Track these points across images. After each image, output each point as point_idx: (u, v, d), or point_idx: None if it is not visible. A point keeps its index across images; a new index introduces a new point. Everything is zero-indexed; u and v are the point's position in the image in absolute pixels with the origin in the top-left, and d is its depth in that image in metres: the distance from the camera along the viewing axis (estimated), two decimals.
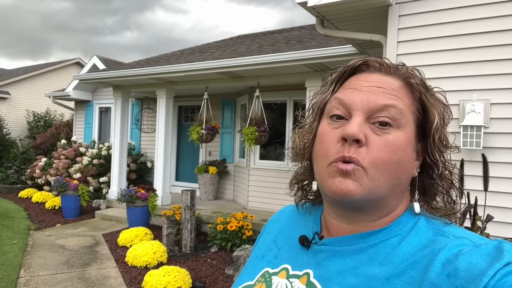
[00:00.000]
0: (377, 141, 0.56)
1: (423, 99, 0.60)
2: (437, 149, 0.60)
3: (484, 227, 2.22)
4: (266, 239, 0.76)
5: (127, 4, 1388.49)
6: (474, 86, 2.61)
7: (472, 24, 2.61)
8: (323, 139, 0.60)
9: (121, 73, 6.84)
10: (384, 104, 0.57)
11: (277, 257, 0.68)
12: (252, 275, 0.68)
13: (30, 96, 16.39)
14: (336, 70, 0.65)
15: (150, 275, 3.81)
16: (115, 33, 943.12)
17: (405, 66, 0.63)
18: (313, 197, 0.73)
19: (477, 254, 0.48)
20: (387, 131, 0.56)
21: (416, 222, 0.58)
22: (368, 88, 0.59)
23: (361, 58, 0.63)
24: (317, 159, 0.61)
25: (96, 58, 10.10)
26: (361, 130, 0.55)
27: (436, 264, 0.50)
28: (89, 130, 10.56)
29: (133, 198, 6.14)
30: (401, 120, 0.57)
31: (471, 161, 2.53)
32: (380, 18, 3.08)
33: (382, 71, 0.62)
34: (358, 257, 0.58)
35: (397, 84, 0.60)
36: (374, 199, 0.57)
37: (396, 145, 0.56)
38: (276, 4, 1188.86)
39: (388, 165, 0.55)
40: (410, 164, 0.59)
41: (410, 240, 0.56)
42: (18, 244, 5.15)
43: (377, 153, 0.55)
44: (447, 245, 0.52)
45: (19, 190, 9.31)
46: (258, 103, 5.87)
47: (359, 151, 0.55)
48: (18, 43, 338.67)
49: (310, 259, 0.63)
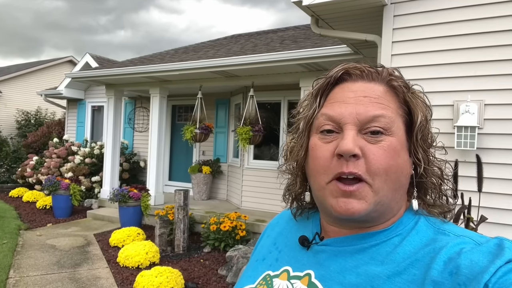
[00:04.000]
0: (373, 150, 0.56)
1: (407, 100, 0.61)
2: (420, 148, 0.60)
3: (476, 228, 2.22)
4: (266, 242, 0.76)
5: (122, 4, 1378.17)
6: (468, 87, 2.61)
7: (467, 24, 2.61)
8: (316, 155, 0.59)
9: (114, 71, 6.77)
10: (374, 115, 0.57)
11: (277, 259, 0.68)
12: (253, 278, 0.68)
13: (21, 94, 16.21)
14: (317, 82, 0.65)
15: (142, 276, 3.77)
16: (109, 32, 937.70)
17: (385, 69, 0.63)
18: (310, 206, 0.73)
19: (478, 252, 0.49)
20: (380, 139, 0.56)
21: (417, 221, 0.59)
22: (354, 100, 0.58)
23: (341, 67, 0.62)
24: (313, 176, 0.61)
25: (89, 56, 10.01)
26: (356, 145, 0.55)
27: (438, 262, 0.50)
28: (82, 129, 10.45)
29: (125, 197, 6.08)
30: (392, 128, 0.57)
31: (465, 162, 2.53)
32: (375, 18, 3.07)
33: (364, 78, 0.61)
34: (359, 256, 0.58)
35: (381, 90, 0.60)
36: (379, 209, 0.57)
37: (391, 151, 0.56)
38: (270, 6, 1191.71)
39: (389, 172, 0.56)
40: (407, 165, 0.59)
41: (411, 239, 0.56)
42: (8, 244, 5.06)
43: (377, 163, 0.55)
44: (448, 244, 0.52)
45: (9, 189, 9.18)
46: (252, 103, 5.85)
47: (358, 164, 0.55)
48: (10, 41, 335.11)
49: (311, 259, 0.63)
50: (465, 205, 2.20)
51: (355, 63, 0.63)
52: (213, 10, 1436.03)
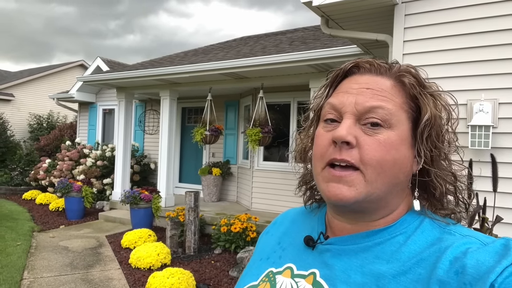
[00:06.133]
0: (368, 141, 0.56)
1: (416, 97, 0.60)
2: (424, 147, 0.59)
3: (491, 228, 2.19)
4: (270, 241, 0.76)
5: (131, 8, 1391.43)
6: (482, 86, 2.57)
7: (480, 22, 2.58)
8: (317, 142, 0.61)
9: (125, 74, 6.84)
10: (371, 105, 0.57)
11: (281, 257, 0.69)
12: (256, 276, 0.69)
13: (34, 98, 16.46)
14: (329, 74, 0.67)
15: (154, 277, 3.79)
16: (118, 36, 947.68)
17: (398, 65, 0.63)
18: (319, 197, 0.74)
19: (484, 252, 0.49)
20: (378, 131, 0.57)
21: (422, 221, 0.59)
22: (357, 90, 0.59)
23: (352, 61, 0.64)
24: (314, 162, 0.62)
25: (100, 60, 10.13)
26: (350, 133, 0.56)
27: (444, 261, 0.50)
28: (93, 131, 10.57)
29: (136, 199, 6.13)
30: (391, 120, 0.57)
31: (480, 162, 2.50)
32: (385, 17, 3.05)
33: (372, 71, 0.62)
34: (364, 255, 0.58)
35: (388, 84, 0.60)
36: (373, 201, 0.57)
37: (388, 144, 0.56)
38: (278, 8, 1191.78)
39: (383, 165, 0.56)
40: (407, 162, 0.59)
41: (416, 238, 0.56)
42: (21, 245, 5.14)
43: (370, 153, 0.55)
44: (454, 243, 0.52)
45: (23, 191, 9.32)
46: (261, 104, 5.85)
47: (351, 152, 0.56)
48: (22, 47, 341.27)
49: (316, 259, 0.63)
50: (480, 205, 2.16)
51: (368, 58, 0.64)
52: (221, 13, 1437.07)
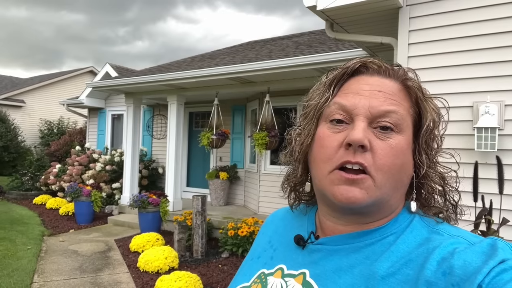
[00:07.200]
0: (381, 146, 0.56)
1: (418, 102, 0.61)
2: (424, 151, 0.60)
3: (497, 231, 2.17)
4: (261, 241, 0.76)
5: (140, 15, 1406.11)
6: (487, 88, 2.56)
7: (485, 25, 2.57)
8: (323, 143, 0.59)
9: (133, 80, 6.92)
10: (386, 110, 0.57)
11: (272, 258, 0.68)
12: (248, 276, 0.68)
13: (44, 104, 16.71)
14: (332, 72, 0.65)
15: (162, 280, 3.81)
16: (127, 43, 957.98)
17: (401, 68, 0.63)
18: (307, 198, 0.73)
19: (472, 252, 0.49)
20: (389, 136, 0.57)
21: (412, 219, 0.59)
22: (369, 93, 0.59)
23: (359, 60, 0.63)
24: (317, 164, 0.60)
25: (109, 66, 10.26)
26: (365, 136, 0.55)
27: (431, 262, 0.50)
28: (102, 137, 10.69)
29: (145, 203, 6.18)
30: (402, 125, 0.57)
31: (486, 164, 2.48)
32: (390, 20, 3.06)
33: (381, 73, 0.61)
34: (355, 256, 0.57)
35: (396, 87, 0.60)
36: (379, 204, 0.57)
37: (398, 149, 0.56)
38: (285, 13, 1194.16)
39: (393, 170, 0.56)
40: (411, 165, 0.60)
41: (405, 238, 0.56)
42: (32, 249, 5.21)
43: (383, 159, 0.55)
44: (442, 244, 0.52)
45: (33, 196, 9.45)
46: (268, 108, 5.88)
47: (365, 156, 0.55)
48: (33, 54, 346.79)
49: (306, 258, 0.62)
50: (486, 208, 2.15)
51: (373, 58, 0.63)
52: (228, 19, 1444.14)
